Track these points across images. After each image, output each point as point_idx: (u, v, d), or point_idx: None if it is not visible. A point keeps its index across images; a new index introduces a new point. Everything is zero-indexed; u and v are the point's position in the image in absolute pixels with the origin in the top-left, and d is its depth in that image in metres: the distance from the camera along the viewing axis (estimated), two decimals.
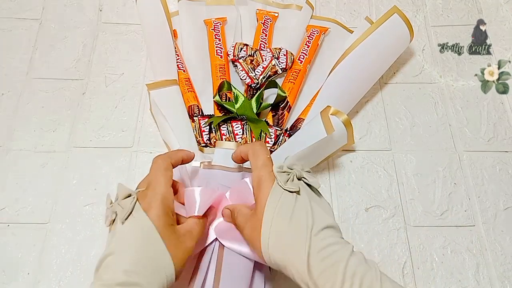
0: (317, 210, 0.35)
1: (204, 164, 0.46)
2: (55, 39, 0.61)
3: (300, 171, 0.37)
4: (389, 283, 0.30)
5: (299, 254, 0.32)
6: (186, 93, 0.54)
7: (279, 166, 0.37)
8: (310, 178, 0.37)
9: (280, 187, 0.35)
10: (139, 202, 0.35)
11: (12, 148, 0.53)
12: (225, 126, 0.52)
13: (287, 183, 0.35)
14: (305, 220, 0.33)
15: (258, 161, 0.38)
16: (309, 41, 0.60)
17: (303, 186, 0.36)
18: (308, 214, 0.34)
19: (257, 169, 0.37)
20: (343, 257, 0.31)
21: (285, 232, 0.33)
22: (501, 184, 0.53)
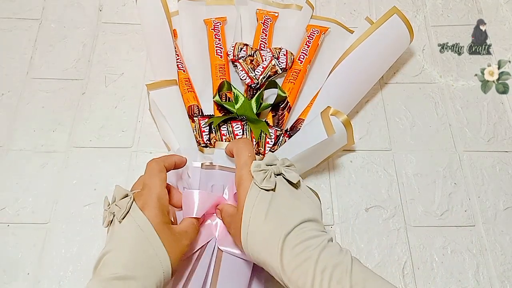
0: (294, 206, 0.35)
1: (205, 164, 0.46)
2: (55, 39, 0.61)
3: (278, 167, 0.37)
4: (360, 273, 0.31)
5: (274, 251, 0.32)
6: (186, 93, 0.54)
7: (257, 165, 0.37)
8: (288, 173, 0.37)
9: (256, 186, 0.36)
10: (136, 202, 0.36)
11: (12, 148, 0.53)
12: (225, 127, 0.52)
13: (263, 181, 0.35)
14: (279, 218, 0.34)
15: (240, 160, 0.39)
16: (309, 41, 0.60)
17: (281, 182, 0.36)
18: (282, 211, 0.34)
19: (238, 169, 0.38)
20: (314, 252, 0.31)
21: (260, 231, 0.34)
22: (501, 184, 0.53)
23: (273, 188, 0.35)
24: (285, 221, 0.33)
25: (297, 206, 0.35)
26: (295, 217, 0.34)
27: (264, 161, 0.37)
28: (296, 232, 0.33)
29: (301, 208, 0.35)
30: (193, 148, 0.49)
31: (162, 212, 0.36)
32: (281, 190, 0.36)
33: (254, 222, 0.34)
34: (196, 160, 0.48)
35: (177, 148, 0.48)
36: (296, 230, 0.33)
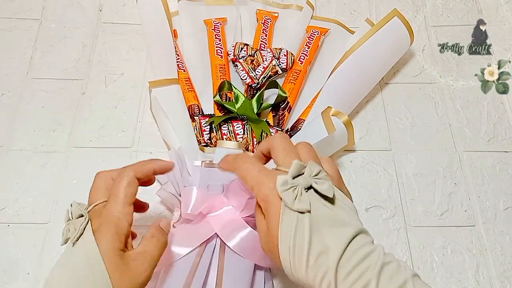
0: (336, 224, 0.30)
1: (206, 163, 0.46)
2: (55, 39, 0.61)
3: (307, 178, 0.31)
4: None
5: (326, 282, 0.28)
6: (186, 93, 0.54)
7: (283, 182, 0.31)
8: (320, 184, 0.31)
9: (289, 209, 0.30)
10: (91, 223, 0.33)
11: (12, 148, 0.53)
12: (226, 126, 0.52)
13: (295, 202, 0.30)
14: (324, 243, 0.29)
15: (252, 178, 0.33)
16: (310, 41, 0.60)
17: (315, 198, 0.31)
18: (326, 235, 0.30)
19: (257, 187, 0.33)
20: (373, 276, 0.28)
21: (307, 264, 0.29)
22: (501, 184, 0.53)
23: (309, 209, 0.30)
24: (332, 246, 0.29)
25: (339, 222, 0.30)
26: (342, 238, 0.29)
27: (291, 173, 0.31)
28: (346, 257, 0.28)
29: (344, 224, 0.30)
30: (194, 147, 0.49)
31: (117, 237, 0.32)
32: (317, 209, 0.30)
33: (297, 255, 0.29)
34: (197, 159, 0.48)
35: (178, 146, 0.48)
36: (346, 254, 0.29)
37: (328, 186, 0.31)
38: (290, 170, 0.31)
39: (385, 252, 0.30)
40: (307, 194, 0.31)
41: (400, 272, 0.29)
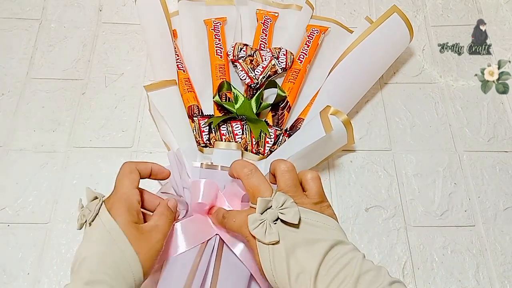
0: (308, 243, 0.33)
1: (205, 164, 0.46)
2: (55, 39, 0.61)
3: (274, 211, 0.34)
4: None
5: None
6: (185, 93, 0.54)
7: (253, 221, 0.35)
8: (285, 215, 0.34)
9: (262, 243, 0.34)
10: (105, 204, 0.36)
11: (12, 148, 0.53)
12: (225, 126, 0.52)
13: (266, 236, 0.34)
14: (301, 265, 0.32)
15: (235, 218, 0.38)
16: (309, 40, 0.60)
17: (282, 227, 0.34)
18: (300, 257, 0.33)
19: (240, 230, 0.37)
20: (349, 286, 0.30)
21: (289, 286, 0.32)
22: (501, 184, 0.53)
23: (278, 240, 0.33)
24: (307, 265, 0.32)
25: (310, 241, 0.33)
26: (315, 255, 0.32)
27: (257, 211, 0.35)
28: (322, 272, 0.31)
29: (316, 241, 0.33)
30: (193, 148, 0.49)
31: (130, 212, 0.36)
32: (286, 236, 0.34)
33: (280, 281, 0.33)
34: (196, 160, 0.48)
35: (176, 148, 0.48)
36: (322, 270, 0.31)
37: (294, 213, 0.34)
38: (257, 208, 0.35)
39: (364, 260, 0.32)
40: (275, 225, 0.34)
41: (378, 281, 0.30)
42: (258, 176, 0.38)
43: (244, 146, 0.51)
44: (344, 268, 0.31)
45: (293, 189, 0.37)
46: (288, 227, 0.34)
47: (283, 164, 0.39)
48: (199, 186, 0.43)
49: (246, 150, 0.50)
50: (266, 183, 0.37)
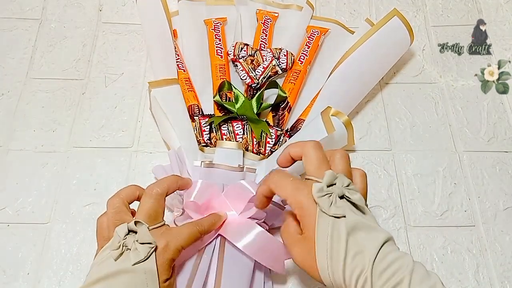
0: (369, 229, 0.32)
1: (205, 163, 0.46)
2: (55, 39, 0.61)
3: (340, 188, 0.33)
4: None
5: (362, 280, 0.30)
6: (186, 93, 0.54)
7: (319, 189, 0.33)
8: (352, 194, 0.34)
9: (325, 214, 0.32)
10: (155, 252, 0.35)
11: (12, 148, 0.53)
12: (226, 126, 0.52)
13: (331, 207, 0.32)
14: (360, 245, 0.31)
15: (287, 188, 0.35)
16: (310, 41, 0.60)
17: (347, 205, 0.33)
18: (360, 238, 0.32)
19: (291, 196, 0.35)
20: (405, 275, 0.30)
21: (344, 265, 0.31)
22: (501, 184, 0.53)
23: (344, 215, 0.32)
24: (367, 247, 0.31)
25: (371, 228, 0.33)
26: (375, 241, 0.31)
27: (325, 182, 0.33)
28: (380, 257, 0.31)
29: (376, 230, 0.33)
30: (194, 147, 0.49)
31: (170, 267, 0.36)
32: (350, 215, 0.33)
33: (335, 256, 0.31)
34: (197, 159, 0.48)
35: (177, 146, 0.48)
36: (380, 255, 0.31)
37: (360, 196, 0.34)
38: (324, 179, 0.33)
39: (414, 260, 0.32)
40: (341, 201, 0.33)
41: (431, 276, 0.31)
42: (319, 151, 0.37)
43: (245, 146, 0.51)
44: (399, 258, 0.31)
45: (349, 175, 0.36)
46: (353, 208, 0.33)
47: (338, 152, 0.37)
48: (195, 185, 0.43)
49: (247, 150, 0.50)
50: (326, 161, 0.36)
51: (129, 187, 0.39)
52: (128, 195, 0.38)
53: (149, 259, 0.34)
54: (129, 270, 0.33)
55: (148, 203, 0.37)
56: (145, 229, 0.35)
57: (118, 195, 0.38)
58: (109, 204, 0.37)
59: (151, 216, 0.37)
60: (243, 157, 0.50)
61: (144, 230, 0.35)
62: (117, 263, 0.33)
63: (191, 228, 0.38)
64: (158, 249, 0.35)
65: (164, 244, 0.35)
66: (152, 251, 0.34)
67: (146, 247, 0.34)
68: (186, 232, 0.38)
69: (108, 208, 0.37)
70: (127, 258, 0.34)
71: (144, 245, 0.34)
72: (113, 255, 0.34)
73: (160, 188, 0.38)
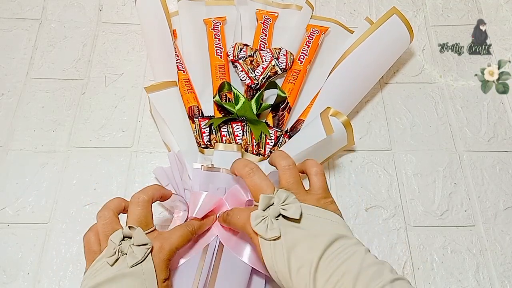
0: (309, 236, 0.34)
1: (205, 166, 0.46)
2: (55, 39, 0.61)
3: (276, 207, 0.35)
4: None
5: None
6: (186, 94, 0.54)
7: (255, 217, 0.35)
8: (287, 210, 0.35)
9: (264, 239, 0.35)
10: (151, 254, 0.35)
11: (12, 148, 0.53)
12: (226, 128, 0.52)
13: (267, 232, 0.34)
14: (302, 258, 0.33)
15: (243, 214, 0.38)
16: (309, 41, 0.60)
17: (284, 223, 0.35)
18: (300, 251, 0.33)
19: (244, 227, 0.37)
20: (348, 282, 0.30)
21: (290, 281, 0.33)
22: (501, 184, 0.53)
23: (279, 235, 0.34)
24: (307, 259, 0.32)
25: (312, 236, 0.34)
26: (315, 250, 0.32)
27: (260, 207, 0.36)
28: (322, 267, 0.32)
29: (317, 236, 0.34)
30: (193, 150, 0.49)
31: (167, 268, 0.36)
32: (288, 232, 0.34)
33: (281, 275, 0.33)
34: (197, 161, 0.48)
35: (177, 150, 0.48)
36: (321, 264, 0.32)
37: (295, 208, 0.35)
38: (259, 204, 0.36)
39: (367, 254, 0.32)
40: (277, 222, 0.35)
41: (380, 277, 0.30)
42: (259, 175, 0.38)
43: (245, 147, 0.51)
44: (344, 262, 0.31)
45: (295, 185, 0.38)
46: (290, 223, 0.35)
47: (284, 160, 0.39)
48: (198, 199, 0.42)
49: (247, 151, 0.50)
50: (267, 181, 0.38)
51: (115, 199, 0.39)
52: (116, 206, 0.38)
53: (146, 260, 0.34)
54: (126, 273, 0.33)
55: (137, 210, 0.37)
56: (140, 231, 0.35)
57: (107, 207, 0.38)
58: (100, 216, 0.37)
59: (141, 222, 0.37)
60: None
61: (139, 233, 0.35)
62: (114, 268, 0.34)
63: (182, 230, 0.39)
64: (154, 250, 0.35)
65: (159, 245, 0.36)
66: (148, 252, 0.35)
67: (142, 249, 0.34)
68: (178, 234, 0.38)
69: (99, 220, 0.37)
70: (123, 262, 0.34)
71: (140, 246, 0.35)
72: (109, 261, 0.34)
73: (145, 195, 0.38)
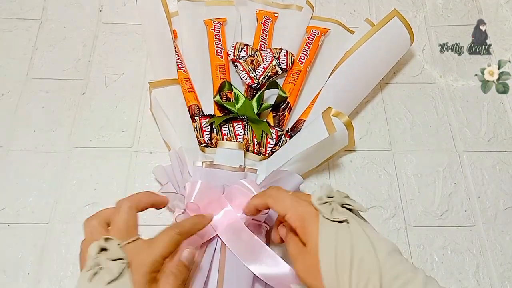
0: (374, 235, 0.32)
1: (206, 163, 0.46)
2: (55, 39, 0.61)
3: (340, 197, 0.34)
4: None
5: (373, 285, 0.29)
6: (186, 93, 0.54)
7: (318, 198, 0.33)
8: (353, 203, 0.34)
9: (327, 219, 0.32)
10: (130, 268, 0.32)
11: (12, 148, 0.53)
12: (227, 126, 0.52)
13: (333, 213, 0.32)
14: (367, 249, 0.30)
15: (285, 202, 0.35)
16: (310, 42, 0.60)
17: (349, 213, 0.33)
18: (367, 242, 0.31)
19: (291, 209, 0.34)
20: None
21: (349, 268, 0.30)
22: (501, 184, 0.53)
23: (346, 219, 0.32)
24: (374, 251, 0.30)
25: (376, 236, 0.32)
26: (383, 247, 0.31)
27: (324, 193, 0.34)
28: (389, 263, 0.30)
29: (381, 237, 0.32)
30: (195, 148, 0.49)
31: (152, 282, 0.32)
32: (354, 221, 0.32)
33: (340, 261, 0.30)
34: (198, 160, 0.48)
35: (178, 147, 0.48)
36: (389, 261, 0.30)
37: (360, 204, 0.34)
38: (322, 190, 0.34)
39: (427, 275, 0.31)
40: (342, 209, 0.33)
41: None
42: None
43: (246, 146, 0.51)
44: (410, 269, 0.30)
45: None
46: (354, 216, 0.33)
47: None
48: (195, 186, 0.42)
49: (248, 151, 0.50)
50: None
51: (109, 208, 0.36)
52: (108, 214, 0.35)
53: (123, 276, 0.31)
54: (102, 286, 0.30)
55: (118, 217, 0.34)
56: (114, 245, 0.32)
57: (97, 215, 0.35)
58: (85, 225, 0.35)
59: (122, 231, 0.34)
60: (244, 158, 0.50)
61: (114, 246, 0.32)
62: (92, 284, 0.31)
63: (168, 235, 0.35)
64: (134, 264, 0.32)
65: (140, 258, 0.32)
66: (124, 267, 0.31)
67: (118, 264, 0.31)
68: (163, 241, 0.34)
69: (84, 228, 0.35)
70: (100, 278, 0.31)
71: (115, 261, 0.31)
72: (87, 276, 0.31)
73: (129, 200, 0.35)
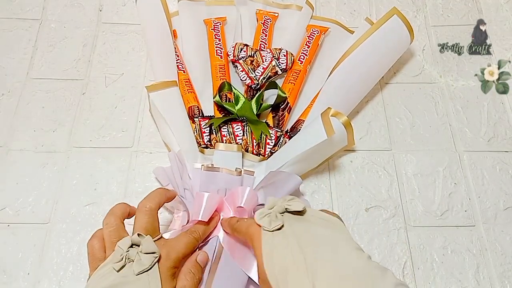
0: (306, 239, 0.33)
1: (205, 166, 0.46)
2: (55, 39, 0.61)
3: (282, 205, 0.36)
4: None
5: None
6: (186, 94, 0.54)
7: (259, 213, 0.36)
8: (291, 205, 0.36)
9: (267, 231, 0.35)
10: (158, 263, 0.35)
11: (12, 148, 0.53)
12: (226, 128, 0.52)
13: (271, 223, 0.35)
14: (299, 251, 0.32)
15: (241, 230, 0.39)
16: (309, 41, 0.60)
17: (288, 217, 0.35)
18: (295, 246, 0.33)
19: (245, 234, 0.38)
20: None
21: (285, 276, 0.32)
22: (501, 184, 0.53)
23: (282, 224, 0.34)
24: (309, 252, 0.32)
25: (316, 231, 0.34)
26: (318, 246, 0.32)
27: (266, 207, 0.37)
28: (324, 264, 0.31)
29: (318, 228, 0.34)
30: (194, 149, 0.49)
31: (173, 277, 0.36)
32: (291, 224, 0.35)
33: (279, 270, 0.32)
34: (197, 161, 0.48)
35: (177, 149, 0.48)
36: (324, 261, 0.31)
37: (299, 203, 0.36)
38: (265, 205, 0.37)
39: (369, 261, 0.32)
40: (281, 216, 0.35)
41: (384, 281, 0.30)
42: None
43: (245, 147, 0.51)
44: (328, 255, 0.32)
45: None
46: (295, 217, 0.36)
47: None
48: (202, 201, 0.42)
49: (247, 151, 0.50)
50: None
51: (120, 204, 0.39)
52: (122, 213, 0.38)
53: (153, 268, 0.34)
54: (132, 281, 0.33)
55: (144, 219, 0.38)
56: (149, 239, 0.36)
57: (113, 213, 0.38)
58: (106, 223, 0.37)
59: (148, 230, 0.37)
60: (243, 159, 0.49)
61: (149, 240, 0.36)
62: (120, 274, 0.33)
63: (187, 238, 0.40)
64: (161, 259, 0.36)
65: (166, 253, 0.36)
66: (155, 261, 0.35)
67: (150, 257, 0.35)
68: (183, 241, 0.39)
69: (105, 226, 0.37)
70: (129, 269, 0.34)
71: (148, 254, 0.35)
72: (115, 267, 0.33)
73: (152, 203, 0.39)
